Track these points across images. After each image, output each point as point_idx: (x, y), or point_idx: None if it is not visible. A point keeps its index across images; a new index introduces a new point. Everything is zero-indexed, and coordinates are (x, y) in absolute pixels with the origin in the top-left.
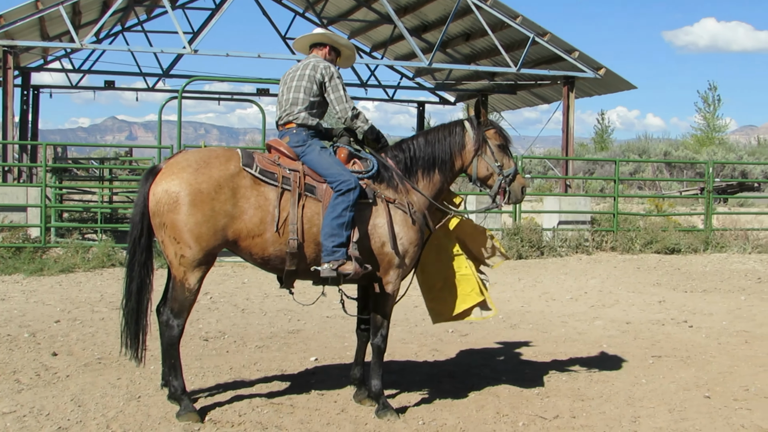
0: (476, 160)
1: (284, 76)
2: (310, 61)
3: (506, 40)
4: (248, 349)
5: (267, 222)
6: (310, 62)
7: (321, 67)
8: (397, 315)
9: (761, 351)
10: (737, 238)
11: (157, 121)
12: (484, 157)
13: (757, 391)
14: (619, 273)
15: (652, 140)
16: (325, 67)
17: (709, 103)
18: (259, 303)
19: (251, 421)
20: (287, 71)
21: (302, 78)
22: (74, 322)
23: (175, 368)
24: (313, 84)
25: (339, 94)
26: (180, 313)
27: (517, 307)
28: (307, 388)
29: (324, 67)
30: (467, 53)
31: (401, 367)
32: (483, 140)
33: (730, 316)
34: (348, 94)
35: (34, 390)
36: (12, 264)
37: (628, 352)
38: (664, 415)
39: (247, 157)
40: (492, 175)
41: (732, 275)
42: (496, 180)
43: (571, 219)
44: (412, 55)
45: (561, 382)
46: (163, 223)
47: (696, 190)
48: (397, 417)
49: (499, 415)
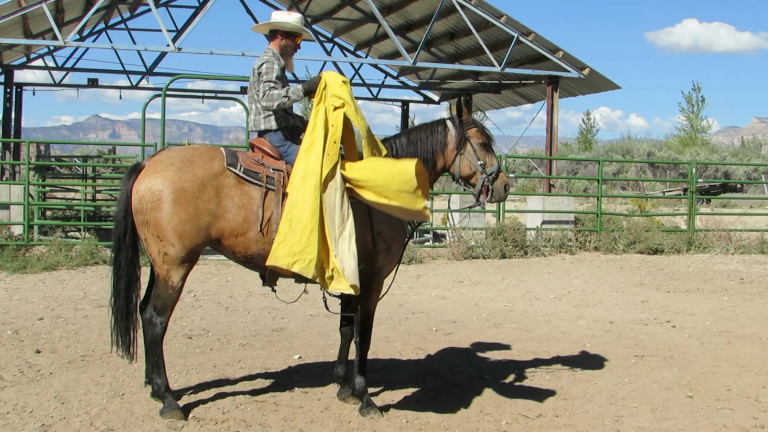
0: (459, 159)
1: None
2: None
3: (490, 40)
4: (232, 347)
5: (251, 221)
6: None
7: (255, 68)
8: (380, 313)
9: (744, 351)
10: (720, 238)
11: (141, 119)
12: (466, 156)
13: (739, 391)
14: (602, 273)
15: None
16: (257, 65)
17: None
18: (243, 301)
19: (235, 418)
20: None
21: (252, 86)
22: (58, 319)
23: (158, 366)
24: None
25: (263, 91)
26: (163, 310)
27: (500, 306)
28: (290, 386)
29: (257, 66)
30: (451, 52)
31: (385, 365)
32: (465, 139)
33: (712, 317)
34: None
35: (18, 387)
36: None
37: (611, 351)
38: (646, 415)
39: (231, 157)
40: (475, 174)
41: (715, 276)
42: (479, 178)
43: (554, 219)
44: (396, 54)
45: (544, 381)
46: (146, 221)
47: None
48: (380, 415)
49: (483, 413)
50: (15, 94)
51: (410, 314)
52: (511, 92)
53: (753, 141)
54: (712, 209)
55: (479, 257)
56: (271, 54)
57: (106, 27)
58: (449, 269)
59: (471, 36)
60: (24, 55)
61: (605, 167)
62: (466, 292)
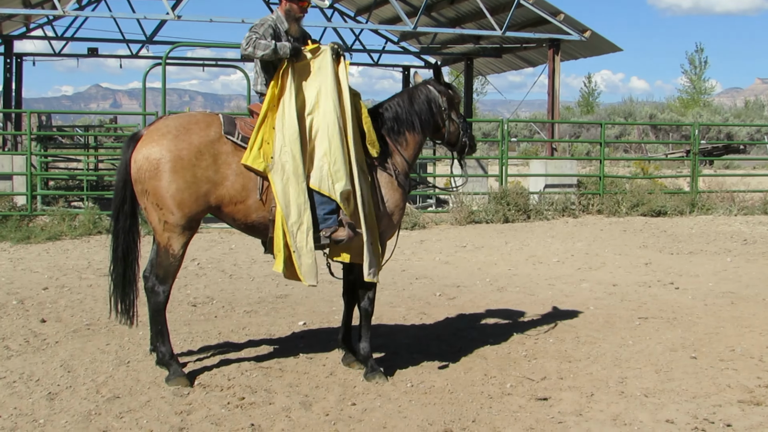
0: (448, 121)
1: None
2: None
3: (491, 3)
4: (236, 314)
5: (249, 189)
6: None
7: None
8: (384, 279)
9: (747, 312)
10: (723, 200)
11: (141, 89)
12: (453, 117)
13: (742, 351)
14: (605, 236)
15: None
16: (253, 26)
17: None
18: (246, 269)
19: (240, 384)
20: None
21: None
22: (62, 289)
23: (162, 334)
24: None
25: (246, 39)
26: (165, 279)
27: (504, 270)
28: (295, 351)
29: (253, 27)
30: (452, 17)
31: (389, 330)
32: (453, 99)
33: (716, 278)
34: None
35: (24, 356)
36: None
37: (615, 314)
38: (650, 376)
39: (228, 124)
40: (457, 133)
41: (718, 237)
42: (459, 137)
43: (557, 182)
44: (396, 19)
45: (548, 344)
46: (146, 190)
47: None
48: (385, 379)
49: (487, 377)
50: (15, 64)
51: (414, 279)
52: (513, 56)
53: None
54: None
55: (482, 222)
56: (272, 16)
57: None
58: (452, 234)
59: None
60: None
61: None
62: (469, 257)
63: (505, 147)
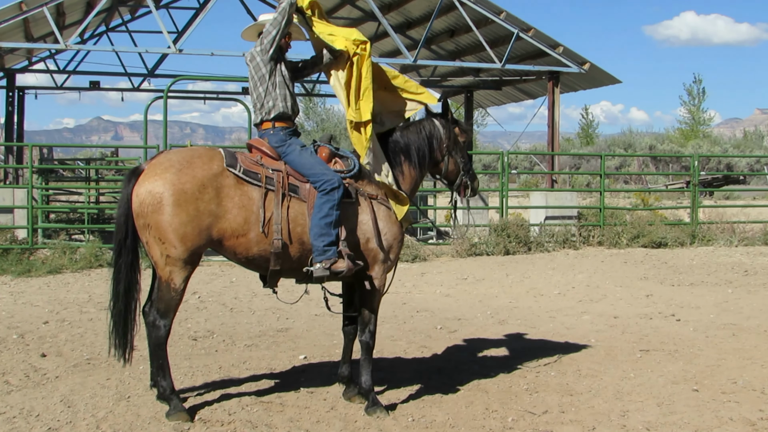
0: (447, 157)
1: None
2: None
3: (490, 36)
4: (237, 348)
5: (251, 222)
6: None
7: (247, 60)
8: (385, 312)
9: (749, 344)
10: (723, 231)
11: (143, 121)
12: (453, 154)
13: (744, 383)
14: (606, 267)
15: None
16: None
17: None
18: (247, 302)
19: (241, 419)
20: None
21: (250, 78)
22: (63, 323)
23: (163, 368)
24: (253, 75)
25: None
26: (166, 313)
27: (505, 302)
28: (296, 386)
29: (249, 56)
30: (452, 49)
31: (390, 363)
32: (454, 137)
33: (717, 309)
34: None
35: (24, 391)
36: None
37: (616, 346)
38: (652, 409)
39: (230, 158)
40: (457, 171)
41: (719, 268)
42: (459, 176)
43: (557, 214)
44: (397, 52)
45: (550, 378)
46: (148, 224)
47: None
48: (386, 414)
49: (489, 410)
50: (17, 97)
51: (415, 312)
52: (512, 88)
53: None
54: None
55: (483, 254)
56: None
57: (107, 29)
58: (453, 266)
59: (471, 33)
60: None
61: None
62: (470, 290)
63: (506, 179)
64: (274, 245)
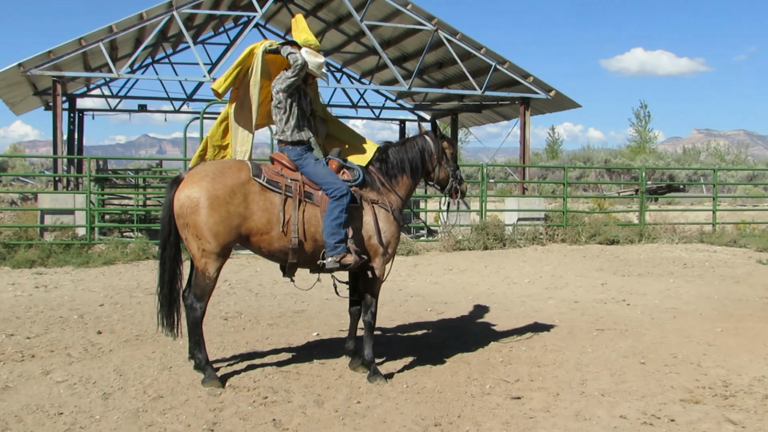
0: (438, 167)
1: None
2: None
3: (472, 68)
4: (261, 326)
5: (273, 222)
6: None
7: (273, 87)
8: (384, 297)
9: (687, 324)
10: (666, 231)
11: (183, 138)
12: (443, 163)
13: (683, 358)
14: (568, 260)
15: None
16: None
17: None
18: (269, 288)
19: (264, 386)
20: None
21: (273, 99)
22: (115, 305)
23: (199, 343)
24: (273, 100)
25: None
26: (202, 297)
27: (484, 289)
28: (310, 358)
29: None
30: (440, 79)
31: (388, 340)
32: (443, 149)
33: (660, 296)
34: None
35: (83, 362)
36: (63, 258)
37: (577, 326)
38: (606, 378)
39: (255, 169)
40: (447, 177)
41: (662, 262)
42: (450, 182)
43: (528, 216)
44: (394, 81)
45: (521, 352)
46: (187, 224)
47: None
48: (385, 381)
49: (470, 379)
50: (77, 118)
51: (409, 297)
52: (491, 111)
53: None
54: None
55: (466, 249)
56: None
57: (153, 61)
58: (441, 259)
59: (456, 65)
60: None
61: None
62: (455, 278)
63: (485, 187)
64: (291, 242)
